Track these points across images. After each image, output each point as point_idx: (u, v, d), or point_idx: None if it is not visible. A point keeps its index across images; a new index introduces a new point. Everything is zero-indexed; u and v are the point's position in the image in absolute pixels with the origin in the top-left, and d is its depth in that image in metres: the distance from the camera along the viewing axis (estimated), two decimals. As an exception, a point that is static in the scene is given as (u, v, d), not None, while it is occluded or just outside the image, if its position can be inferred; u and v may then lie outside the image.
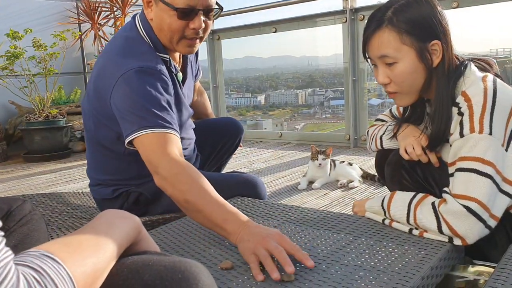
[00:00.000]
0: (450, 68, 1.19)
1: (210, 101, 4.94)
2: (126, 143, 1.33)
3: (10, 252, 0.46)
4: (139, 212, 1.57)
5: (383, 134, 1.44)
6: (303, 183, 2.60)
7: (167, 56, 1.48)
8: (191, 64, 1.70)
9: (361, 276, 0.95)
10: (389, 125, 1.44)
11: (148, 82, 1.34)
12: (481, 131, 1.08)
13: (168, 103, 1.37)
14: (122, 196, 1.58)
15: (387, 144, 1.42)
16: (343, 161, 2.74)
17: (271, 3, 4.36)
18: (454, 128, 1.15)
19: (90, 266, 0.55)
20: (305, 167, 2.86)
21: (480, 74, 1.19)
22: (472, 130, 1.09)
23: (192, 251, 1.14)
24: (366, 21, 1.29)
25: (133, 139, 1.30)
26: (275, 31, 4.37)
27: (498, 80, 1.17)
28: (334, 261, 1.03)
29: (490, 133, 1.08)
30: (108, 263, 0.60)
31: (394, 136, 1.37)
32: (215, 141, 1.92)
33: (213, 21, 1.54)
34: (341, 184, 2.58)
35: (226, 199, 1.70)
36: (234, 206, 1.53)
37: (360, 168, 2.72)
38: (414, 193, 1.21)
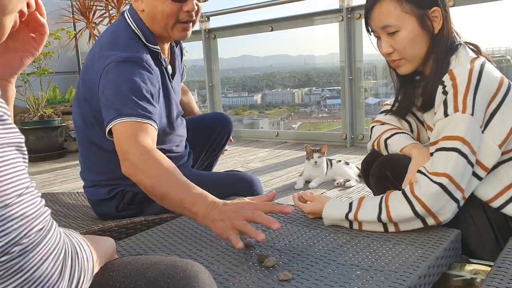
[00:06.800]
0: (449, 40, 1.21)
1: (206, 100, 4.95)
2: (106, 133, 1.34)
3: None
4: (135, 212, 1.57)
5: (388, 137, 1.37)
6: (300, 182, 2.60)
7: (158, 47, 1.50)
8: (178, 61, 1.73)
9: (358, 275, 0.95)
10: (397, 132, 1.36)
11: (133, 71, 1.36)
12: (464, 111, 1.10)
13: (151, 93, 1.38)
14: (118, 196, 1.57)
15: (391, 150, 1.36)
16: (340, 160, 2.74)
17: (267, 2, 4.36)
18: (438, 106, 1.16)
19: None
20: (301, 167, 2.86)
21: (472, 55, 1.20)
22: (456, 109, 1.11)
23: (189, 251, 1.13)
24: (362, 19, 1.31)
25: (111, 128, 1.31)
26: (272, 30, 4.36)
27: (487, 63, 1.17)
28: (331, 260, 1.03)
29: (472, 114, 1.10)
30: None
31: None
32: (205, 137, 1.92)
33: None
34: (337, 183, 2.57)
35: (222, 198, 1.68)
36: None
37: (357, 167, 2.72)
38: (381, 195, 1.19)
